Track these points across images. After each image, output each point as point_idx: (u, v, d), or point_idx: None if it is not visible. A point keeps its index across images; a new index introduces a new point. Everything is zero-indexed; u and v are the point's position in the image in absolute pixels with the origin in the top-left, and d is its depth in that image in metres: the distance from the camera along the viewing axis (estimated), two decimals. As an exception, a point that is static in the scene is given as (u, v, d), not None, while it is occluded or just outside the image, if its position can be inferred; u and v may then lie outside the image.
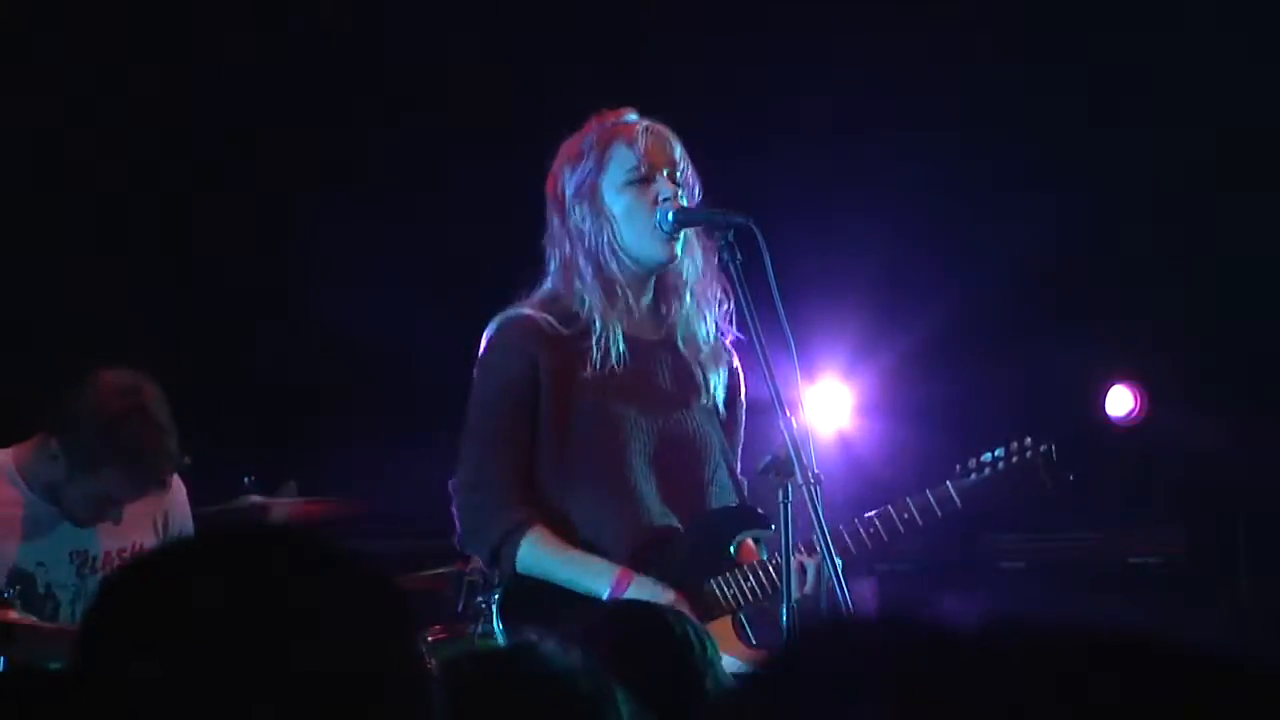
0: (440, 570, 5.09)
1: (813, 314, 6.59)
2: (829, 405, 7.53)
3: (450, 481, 4.48)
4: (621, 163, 4.48)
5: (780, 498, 4.16)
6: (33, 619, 4.74)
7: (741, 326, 4.53)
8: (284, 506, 5.49)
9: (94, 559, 4.99)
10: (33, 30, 6.76)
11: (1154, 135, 7.44)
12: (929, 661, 1.56)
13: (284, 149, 6.95)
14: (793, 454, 4.14)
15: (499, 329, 4.52)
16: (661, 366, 4.57)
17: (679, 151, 4.52)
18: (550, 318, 4.50)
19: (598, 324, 4.48)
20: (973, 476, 4.52)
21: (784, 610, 4.09)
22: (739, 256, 4.34)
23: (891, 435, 7.63)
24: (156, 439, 4.83)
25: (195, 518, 5.23)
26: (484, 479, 4.43)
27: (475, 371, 4.53)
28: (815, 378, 7.27)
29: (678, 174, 4.50)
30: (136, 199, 6.83)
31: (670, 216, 4.46)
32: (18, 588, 4.81)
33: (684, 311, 4.57)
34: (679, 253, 4.51)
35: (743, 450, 4.69)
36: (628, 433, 4.48)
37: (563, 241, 4.52)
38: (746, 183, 4.69)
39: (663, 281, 4.57)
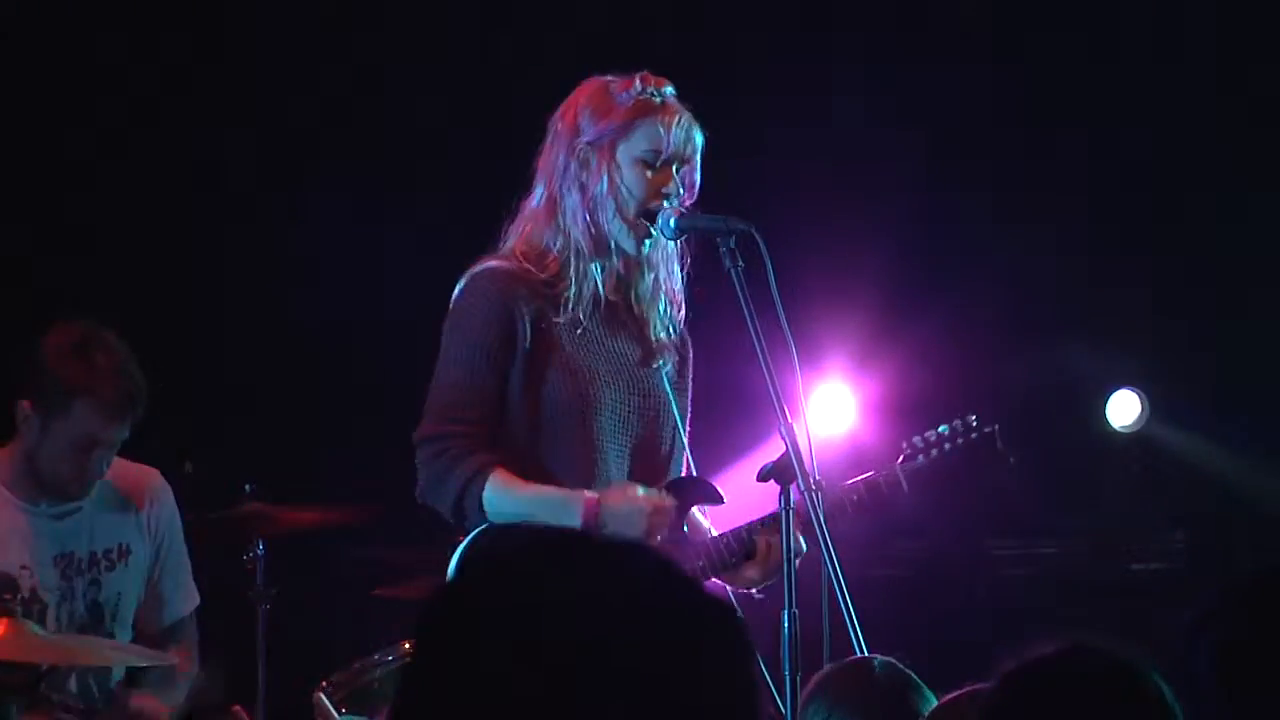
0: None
1: (818, 315, 6.57)
2: (834, 407, 7.51)
3: (414, 435, 4.47)
4: (646, 138, 4.48)
5: (781, 503, 4.15)
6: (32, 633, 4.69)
7: (743, 332, 4.52)
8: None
9: (80, 561, 4.98)
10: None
11: (1155, 135, 7.43)
12: None
13: (283, 147, 6.93)
14: (794, 460, 4.13)
15: (470, 282, 4.52)
16: (625, 325, 4.58)
17: (698, 153, 4.53)
18: (524, 263, 4.50)
19: (575, 266, 4.48)
20: (920, 459, 4.58)
21: (785, 616, 4.06)
22: (740, 263, 4.34)
23: (896, 437, 7.58)
24: (116, 360, 4.85)
25: (197, 521, 5.23)
26: (447, 431, 4.43)
27: (445, 326, 4.52)
28: (821, 379, 7.25)
29: (684, 170, 4.51)
30: (133, 200, 6.81)
31: (672, 223, 4.46)
32: (15, 594, 4.78)
33: (646, 284, 4.57)
34: (645, 252, 4.52)
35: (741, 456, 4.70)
36: (599, 385, 4.50)
37: (561, 178, 4.51)
38: (748, 182, 4.68)
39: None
